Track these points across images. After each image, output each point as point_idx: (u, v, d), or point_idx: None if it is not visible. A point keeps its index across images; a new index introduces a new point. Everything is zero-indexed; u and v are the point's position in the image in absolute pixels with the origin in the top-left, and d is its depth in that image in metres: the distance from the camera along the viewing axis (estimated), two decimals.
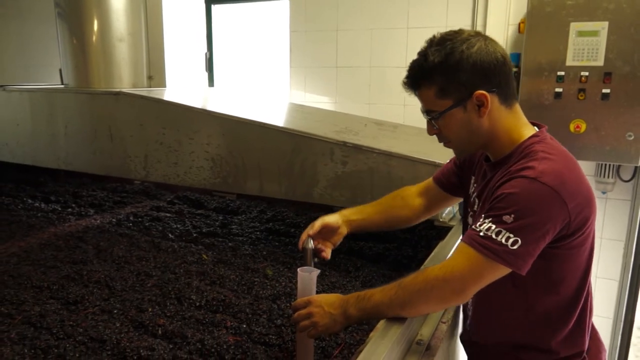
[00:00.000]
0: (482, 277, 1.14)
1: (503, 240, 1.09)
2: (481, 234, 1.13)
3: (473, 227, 1.17)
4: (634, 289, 2.60)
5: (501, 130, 1.25)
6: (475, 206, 1.36)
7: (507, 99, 1.24)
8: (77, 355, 1.50)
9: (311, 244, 1.45)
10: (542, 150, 1.19)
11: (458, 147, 1.33)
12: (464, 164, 1.50)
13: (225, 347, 1.53)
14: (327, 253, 1.51)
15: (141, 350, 1.51)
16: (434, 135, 1.49)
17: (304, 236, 1.49)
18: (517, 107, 1.28)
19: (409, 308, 1.20)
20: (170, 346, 1.56)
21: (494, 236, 1.10)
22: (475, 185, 1.41)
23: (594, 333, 1.40)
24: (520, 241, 1.09)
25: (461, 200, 1.58)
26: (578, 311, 1.28)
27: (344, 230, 1.54)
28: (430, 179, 1.63)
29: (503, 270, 1.13)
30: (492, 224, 1.12)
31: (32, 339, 1.58)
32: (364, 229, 1.62)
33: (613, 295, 2.68)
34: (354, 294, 1.28)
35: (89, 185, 3.46)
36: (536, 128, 1.28)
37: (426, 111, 1.28)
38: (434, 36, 1.24)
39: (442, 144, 1.36)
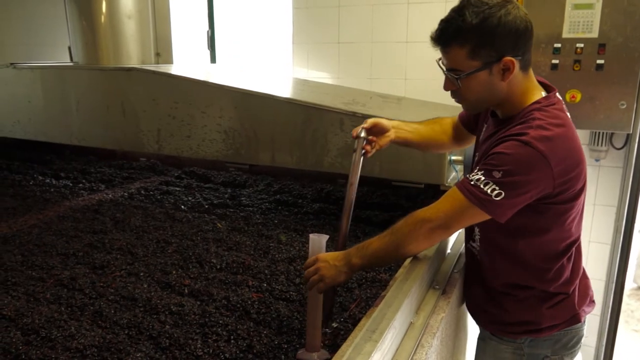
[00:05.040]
0: (464, 217, 1.29)
1: (489, 191, 1.23)
2: (472, 182, 1.26)
3: (467, 176, 1.31)
4: (625, 251, 2.73)
5: (515, 94, 1.34)
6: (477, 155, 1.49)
7: (526, 65, 1.33)
8: (112, 311, 1.60)
9: (364, 133, 1.53)
10: (539, 117, 1.28)
11: (473, 105, 1.42)
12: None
13: (249, 302, 1.65)
14: (372, 149, 1.57)
15: (172, 307, 1.62)
16: (452, 102, 1.60)
17: (358, 128, 1.55)
18: (531, 72, 1.38)
19: (402, 248, 1.34)
20: (198, 303, 1.67)
21: (482, 186, 1.24)
22: (483, 132, 1.52)
23: (585, 289, 1.55)
24: (503, 194, 1.22)
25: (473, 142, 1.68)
26: (563, 260, 1.42)
27: (392, 135, 1.60)
28: (457, 116, 1.73)
29: (483, 216, 1.28)
30: (483, 176, 1.25)
31: (67, 299, 1.69)
32: (406, 143, 1.68)
33: (605, 258, 2.82)
34: (355, 246, 1.40)
35: (96, 163, 3.52)
36: (543, 93, 1.37)
37: (451, 69, 1.33)
38: None
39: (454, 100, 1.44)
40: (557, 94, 1.40)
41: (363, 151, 1.53)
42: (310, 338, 1.39)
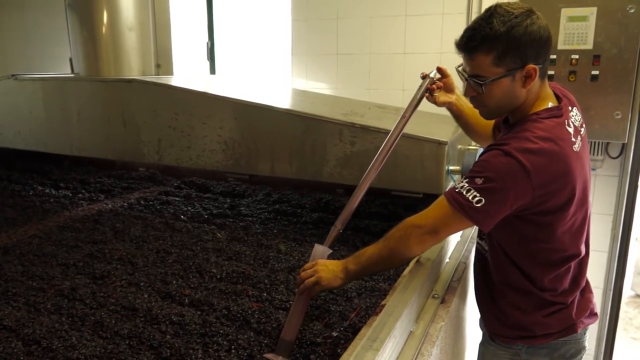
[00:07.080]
0: (450, 224, 1.33)
1: (470, 198, 1.27)
2: (457, 189, 1.31)
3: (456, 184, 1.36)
4: (622, 259, 2.76)
5: (529, 100, 1.38)
6: None
7: (543, 74, 1.37)
8: (113, 321, 1.61)
9: (435, 73, 1.54)
10: (529, 129, 1.32)
11: (492, 110, 1.44)
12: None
13: (249, 312, 1.65)
14: (439, 97, 1.59)
15: (172, 317, 1.63)
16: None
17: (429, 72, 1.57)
18: (546, 80, 1.41)
19: (394, 253, 1.38)
20: (199, 313, 1.67)
21: (464, 193, 1.28)
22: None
23: (586, 302, 1.57)
24: (483, 201, 1.26)
25: None
26: (560, 271, 1.44)
27: (453, 98, 1.63)
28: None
29: (467, 223, 1.31)
30: (466, 183, 1.30)
31: (68, 309, 1.69)
32: (459, 114, 1.69)
33: (602, 267, 2.84)
34: (353, 254, 1.46)
35: (95, 173, 3.53)
36: (550, 103, 1.39)
37: (475, 75, 1.35)
38: (493, 7, 1.34)
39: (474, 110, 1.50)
40: (570, 107, 1.42)
41: (428, 91, 1.55)
42: (282, 344, 1.40)
